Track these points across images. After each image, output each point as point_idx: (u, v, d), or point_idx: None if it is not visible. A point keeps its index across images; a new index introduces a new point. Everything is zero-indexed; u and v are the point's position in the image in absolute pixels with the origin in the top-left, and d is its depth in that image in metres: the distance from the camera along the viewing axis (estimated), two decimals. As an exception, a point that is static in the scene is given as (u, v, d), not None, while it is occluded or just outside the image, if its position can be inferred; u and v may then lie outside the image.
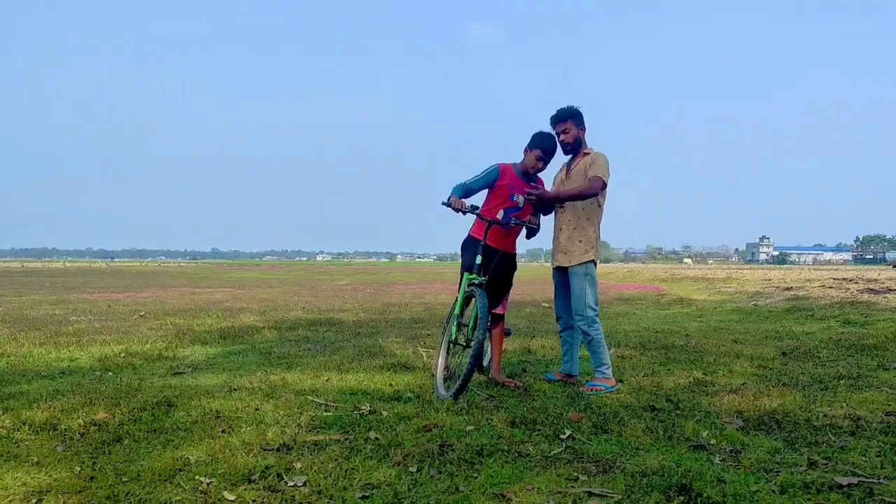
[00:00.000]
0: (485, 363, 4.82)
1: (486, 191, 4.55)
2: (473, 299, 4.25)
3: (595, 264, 4.60)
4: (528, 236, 4.62)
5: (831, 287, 13.90)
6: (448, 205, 4.24)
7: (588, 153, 4.61)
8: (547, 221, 4.76)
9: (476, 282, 4.27)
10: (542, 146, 4.46)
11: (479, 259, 4.33)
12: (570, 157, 4.73)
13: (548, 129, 4.58)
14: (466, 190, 4.39)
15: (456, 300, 4.39)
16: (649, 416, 3.64)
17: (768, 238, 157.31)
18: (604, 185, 4.47)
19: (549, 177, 4.78)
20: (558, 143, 4.60)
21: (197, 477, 2.63)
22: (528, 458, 2.90)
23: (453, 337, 4.32)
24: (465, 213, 4.31)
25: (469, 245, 4.51)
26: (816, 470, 2.74)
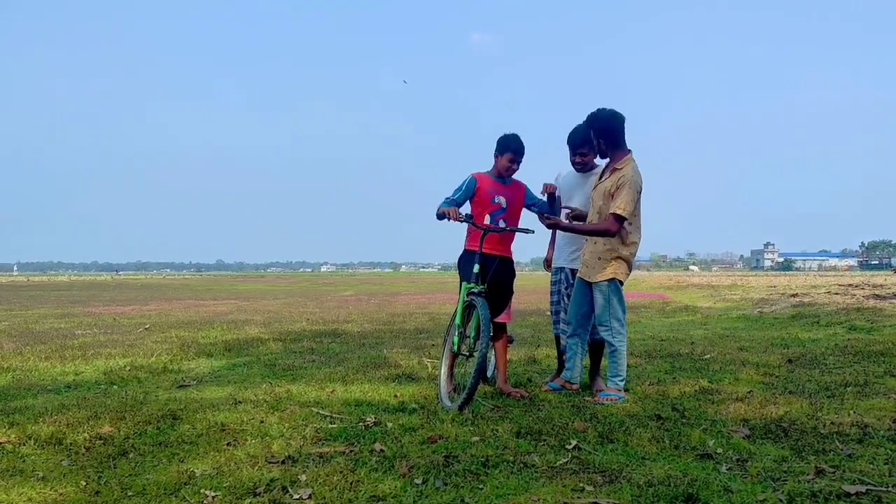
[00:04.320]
0: (489, 373, 4.81)
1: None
2: (474, 309, 4.24)
3: (621, 282, 4.43)
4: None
5: (837, 293, 13.85)
6: (445, 217, 4.28)
7: (620, 168, 4.34)
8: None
9: (475, 291, 4.26)
10: (511, 148, 4.44)
11: (476, 268, 4.31)
12: (607, 160, 4.51)
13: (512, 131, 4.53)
14: (454, 203, 4.41)
15: (456, 310, 4.39)
16: (655, 425, 3.62)
17: (773, 244, 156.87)
18: (623, 221, 4.29)
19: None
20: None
21: (202, 490, 2.64)
22: (533, 469, 2.89)
23: (455, 347, 4.31)
24: (462, 222, 4.35)
25: (465, 258, 4.51)
26: (824, 478, 2.72)
